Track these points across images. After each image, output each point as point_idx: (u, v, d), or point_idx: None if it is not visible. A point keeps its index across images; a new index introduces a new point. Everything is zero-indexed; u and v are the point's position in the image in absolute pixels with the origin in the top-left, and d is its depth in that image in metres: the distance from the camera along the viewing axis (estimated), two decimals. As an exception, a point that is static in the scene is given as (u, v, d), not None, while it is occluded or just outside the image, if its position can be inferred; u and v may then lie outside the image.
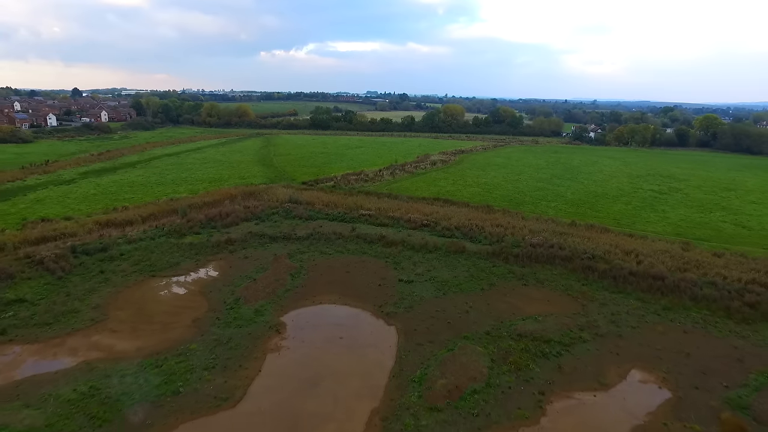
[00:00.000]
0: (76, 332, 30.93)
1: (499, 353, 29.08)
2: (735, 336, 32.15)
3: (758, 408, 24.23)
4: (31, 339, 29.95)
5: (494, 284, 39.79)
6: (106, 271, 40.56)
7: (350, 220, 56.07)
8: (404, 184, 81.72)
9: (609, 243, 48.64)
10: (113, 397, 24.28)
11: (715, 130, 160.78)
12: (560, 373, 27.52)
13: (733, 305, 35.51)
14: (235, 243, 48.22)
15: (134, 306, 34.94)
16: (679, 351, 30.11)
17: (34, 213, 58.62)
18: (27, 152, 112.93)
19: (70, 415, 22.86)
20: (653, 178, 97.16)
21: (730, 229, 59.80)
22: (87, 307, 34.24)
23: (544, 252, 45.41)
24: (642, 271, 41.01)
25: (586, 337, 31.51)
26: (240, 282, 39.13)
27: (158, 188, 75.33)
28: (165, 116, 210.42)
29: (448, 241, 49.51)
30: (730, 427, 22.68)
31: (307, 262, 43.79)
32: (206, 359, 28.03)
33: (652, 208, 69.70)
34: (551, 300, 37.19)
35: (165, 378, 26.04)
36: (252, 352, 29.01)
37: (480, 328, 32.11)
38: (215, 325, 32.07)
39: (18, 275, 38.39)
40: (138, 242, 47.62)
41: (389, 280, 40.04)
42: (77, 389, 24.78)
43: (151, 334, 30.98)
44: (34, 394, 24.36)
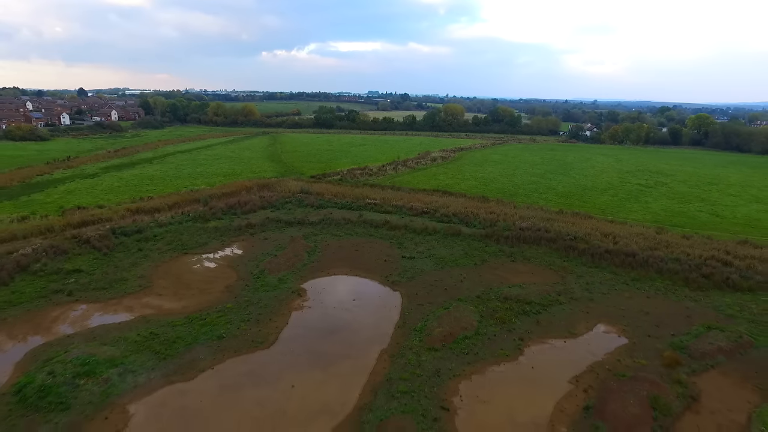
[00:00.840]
0: (129, 295, 36.50)
1: (487, 311, 34.59)
2: (689, 300, 37.65)
3: (693, 348, 29.70)
4: (93, 300, 35.54)
5: (486, 260, 45.31)
6: (144, 249, 46.17)
7: (357, 208, 61.61)
8: (406, 177, 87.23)
9: (591, 227, 54.12)
10: (170, 340, 29.81)
11: (707, 129, 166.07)
12: (538, 325, 33.02)
13: (691, 276, 41.01)
14: (255, 227, 53.81)
15: (173, 276, 40.51)
16: (639, 311, 35.59)
17: (68, 202, 64.20)
18: (47, 149, 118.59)
19: (139, 351, 28.42)
20: (642, 173, 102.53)
21: (705, 217, 65.21)
22: (134, 277, 39.84)
23: (531, 234, 50.92)
24: (616, 250, 46.49)
25: (562, 300, 37.03)
26: (263, 258, 44.68)
27: (176, 181, 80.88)
28: (173, 115, 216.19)
29: (446, 225, 55.02)
30: (668, 360, 28.14)
31: (320, 242, 49.34)
32: (241, 315, 33.57)
33: (636, 200, 75.13)
34: (535, 273, 42.69)
35: (210, 327, 31.58)
36: (279, 310, 34.55)
37: (472, 293, 37.62)
38: (245, 290, 37.62)
39: (70, 251, 44.02)
40: (168, 226, 53.20)
41: (393, 257, 45.58)
42: (140, 334, 30.33)
43: (191, 297, 36.53)
44: (107, 336, 29.92)
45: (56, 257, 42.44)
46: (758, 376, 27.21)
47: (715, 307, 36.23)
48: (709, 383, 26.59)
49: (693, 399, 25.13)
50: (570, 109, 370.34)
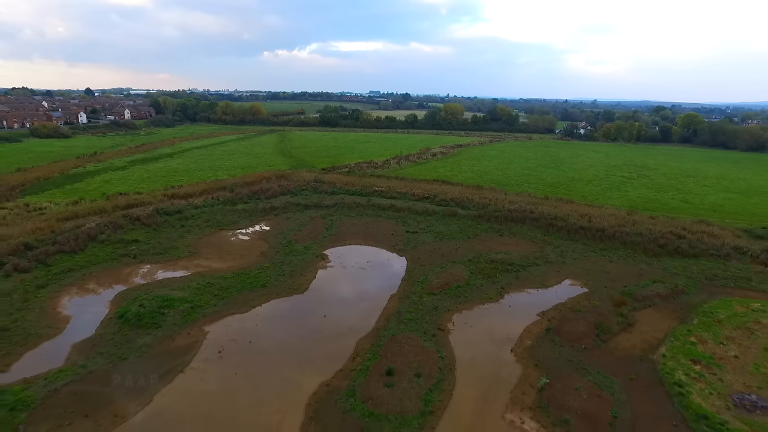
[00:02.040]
0: (182, 258, 44.47)
1: (476, 269, 42.51)
2: (643, 263, 45.56)
3: (638, 294, 37.61)
4: (154, 261, 43.53)
5: (477, 234, 53.25)
6: (185, 225, 54.18)
7: (366, 195, 69.54)
8: (409, 170, 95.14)
9: (570, 210, 62.01)
10: (224, 287, 37.75)
11: (696, 128, 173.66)
12: (517, 279, 40.95)
13: (649, 246, 48.94)
14: (278, 209, 61.79)
15: (214, 246, 48.47)
16: (601, 271, 43.48)
17: (108, 189, 72.20)
18: (72, 146, 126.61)
19: (202, 293, 36.38)
20: (628, 167, 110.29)
21: (675, 203, 73.03)
22: (182, 245, 47.82)
23: (518, 215, 58.84)
24: (590, 226, 54.42)
25: (539, 262, 44.95)
26: (288, 232, 52.64)
27: (199, 173, 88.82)
28: (183, 114, 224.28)
29: (444, 208, 62.96)
30: (617, 302, 36.01)
31: (335, 221, 57.29)
32: (277, 271, 41.52)
33: (617, 189, 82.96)
34: (518, 244, 50.61)
35: (253, 279, 39.53)
36: (307, 268, 42.50)
37: (464, 257, 45.54)
38: (277, 255, 45.58)
39: (125, 226, 52.03)
40: (202, 208, 61.21)
41: (399, 232, 53.53)
42: (199, 283, 38.29)
43: (234, 260, 44.48)
44: (174, 285, 37.89)
45: (115, 231, 50.48)
46: (681, 311, 35.14)
47: (664, 268, 44.13)
48: (644, 316, 34.50)
49: (629, 325, 33.02)
50: (568, 109, 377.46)
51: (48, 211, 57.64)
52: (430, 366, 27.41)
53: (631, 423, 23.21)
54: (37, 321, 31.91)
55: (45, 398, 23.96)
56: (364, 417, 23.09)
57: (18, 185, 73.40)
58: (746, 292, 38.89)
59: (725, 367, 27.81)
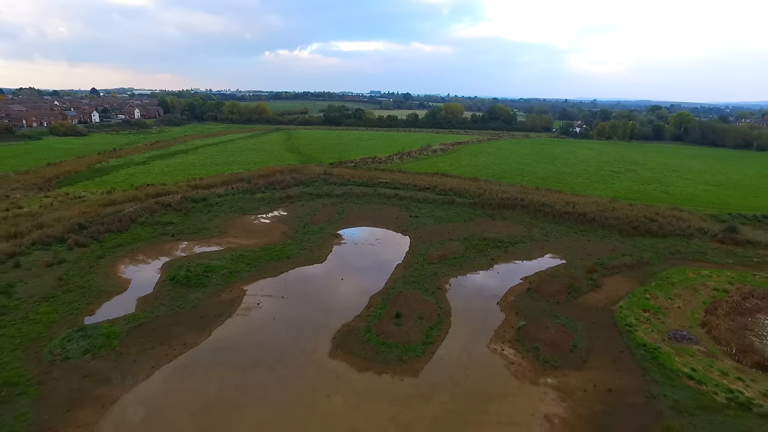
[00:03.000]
0: (213, 237, 50.98)
1: (470, 245, 49.03)
2: (617, 242, 52.05)
3: (608, 264, 44.10)
4: (190, 239, 50.06)
5: (473, 219, 59.75)
6: (212, 211, 60.73)
7: (372, 185, 76.05)
8: (410, 165, 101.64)
9: (558, 198, 68.48)
10: (254, 258, 44.24)
11: (687, 126, 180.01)
12: (505, 253, 47.45)
13: (624, 228, 55.39)
14: (293, 198, 68.33)
15: (240, 227, 55.00)
16: (579, 247, 49.94)
17: (135, 181, 78.71)
18: (89, 143, 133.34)
19: (236, 262, 42.87)
20: (617, 163, 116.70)
21: (656, 194, 79.44)
22: (212, 226, 54.37)
23: (509, 202, 65.34)
24: (573, 212, 60.91)
25: (526, 240, 51.45)
26: (304, 216, 59.17)
27: (215, 167, 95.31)
28: (190, 113, 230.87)
29: (443, 197, 69.46)
30: (589, 269, 42.46)
31: (345, 207, 63.80)
32: (298, 246, 48.03)
33: (604, 182, 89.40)
34: (509, 226, 57.09)
35: (278, 252, 46.03)
36: (324, 244, 49.02)
37: (461, 236, 52.04)
38: (297, 234, 52.09)
39: (159, 211, 58.57)
40: (224, 197, 67.73)
41: (402, 217, 60.04)
42: (232, 255, 44.78)
43: (259, 238, 50.98)
44: (211, 256, 44.41)
45: (152, 215, 57.03)
46: (643, 276, 41.65)
47: (635, 245, 50.62)
48: (610, 280, 40.98)
49: (597, 286, 39.50)
50: (567, 108, 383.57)
51: (88, 199, 64.20)
52: (431, 313, 33.94)
53: (587, 350, 29.70)
54: (104, 282, 38.47)
55: (128, 332, 30.49)
56: (378, 345, 29.61)
57: (53, 177, 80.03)
58: (701, 263, 45.39)
59: (668, 314, 34.32)
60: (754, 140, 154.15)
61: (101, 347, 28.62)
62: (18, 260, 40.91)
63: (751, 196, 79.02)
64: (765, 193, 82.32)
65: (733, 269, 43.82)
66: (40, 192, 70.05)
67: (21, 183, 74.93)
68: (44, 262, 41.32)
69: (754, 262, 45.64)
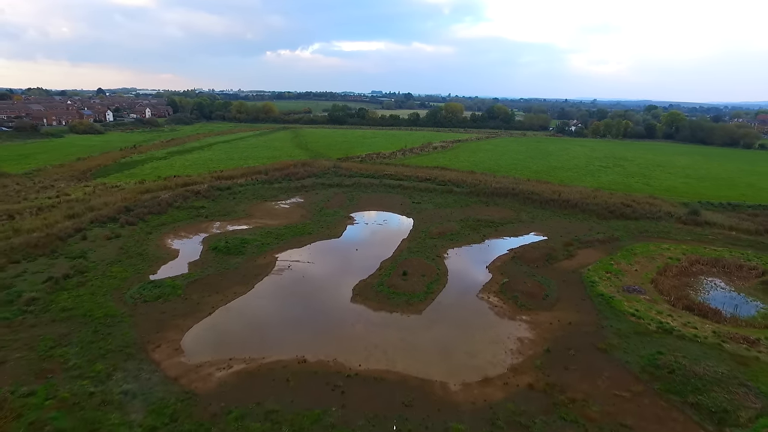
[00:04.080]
0: (242, 218, 58.51)
1: (466, 225, 56.53)
2: (594, 223, 59.50)
3: (583, 239, 51.58)
4: (222, 219, 57.60)
5: (468, 205, 67.25)
6: (236, 198, 68.28)
7: (378, 177, 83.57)
8: (413, 160, 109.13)
9: (546, 188, 75.89)
10: (280, 234, 51.68)
11: (678, 125, 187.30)
12: (496, 231, 54.95)
13: (601, 212, 62.83)
14: (307, 187, 75.88)
15: (263, 211, 62.51)
16: (561, 228, 57.39)
17: (162, 173, 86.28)
18: (108, 140, 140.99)
19: (266, 237, 50.36)
20: (607, 159, 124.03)
21: (638, 186, 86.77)
22: (239, 210, 61.92)
23: (502, 191, 72.83)
24: (559, 199, 68.36)
25: (514, 221, 58.94)
26: (319, 202, 66.70)
27: (231, 162, 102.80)
28: (199, 113, 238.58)
29: (443, 187, 76.98)
30: (566, 243, 49.93)
31: (355, 195, 71.31)
32: (317, 225, 55.53)
33: (592, 175, 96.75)
34: (500, 211, 64.56)
35: (300, 230, 53.50)
36: (339, 224, 56.54)
37: (457, 218, 59.54)
38: (315, 216, 59.61)
39: (190, 197, 66.15)
40: (245, 186, 75.28)
41: (406, 203, 67.54)
42: (261, 231, 52.26)
43: (281, 219, 58.49)
44: (243, 233, 51.96)
45: (185, 200, 64.61)
46: (611, 249, 49.10)
47: (609, 226, 58.06)
48: (583, 251, 48.42)
49: (572, 256, 46.96)
50: (566, 108, 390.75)
51: (125, 188, 71.76)
52: (431, 272, 41.45)
53: (556, 298, 37.17)
54: (157, 251, 46.01)
55: (187, 285, 38.00)
56: (389, 293, 37.11)
57: (86, 170, 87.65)
58: (663, 240, 52.84)
59: (626, 274, 41.80)
60: (740, 138, 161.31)
61: (169, 294, 36.15)
62: (84, 234, 48.54)
63: (725, 188, 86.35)
64: (737, 185, 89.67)
65: (689, 244, 51.29)
66: (79, 182, 77.65)
67: (60, 175, 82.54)
68: (104, 236, 48.91)
69: (708, 239, 53.08)
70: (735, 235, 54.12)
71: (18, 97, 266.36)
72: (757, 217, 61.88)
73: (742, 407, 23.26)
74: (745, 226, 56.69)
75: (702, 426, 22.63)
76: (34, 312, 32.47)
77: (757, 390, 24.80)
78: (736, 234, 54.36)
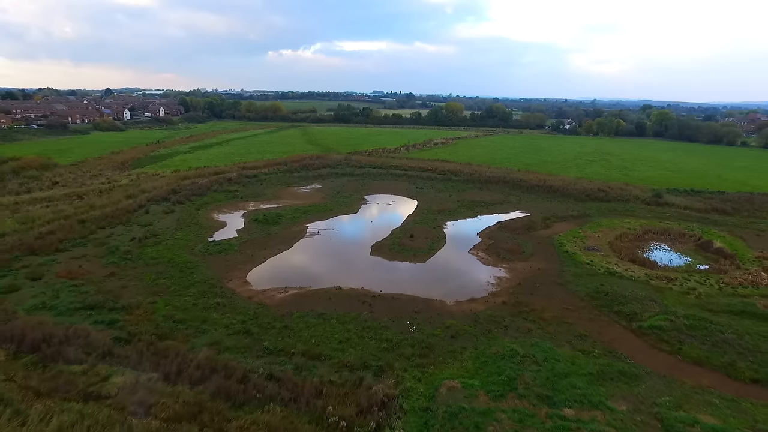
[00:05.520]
0: (271, 199, 68.79)
1: (462, 205, 66.85)
2: (571, 204, 69.73)
3: (560, 214, 61.85)
4: (254, 200, 67.91)
5: (465, 190, 77.58)
6: (263, 184, 78.64)
7: (385, 168, 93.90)
8: (415, 154, 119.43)
9: (533, 177, 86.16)
10: (306, 210, 61.94)
11: (667, 123, 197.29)
12: (487, 209, 65.26)
13: (579, 196, 73.09)
14: (323, 176, 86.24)
15: (288, 194, 72.80)
16: (542, 207, 67.60)
17: (191, 165, 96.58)
18: (131, 137, 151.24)
19: (295, 212, 60.68)
20: (595, 154, 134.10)
21: (617, 176, 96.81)
22: (268, 193, 72.27)
23: (494, 179, 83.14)
24: (544, 185, 78.65)
25: (503, 202, 69.25)
26: (335, 188, 77.04)
27: (251, 155, 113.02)
28: (210, 112, 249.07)
29: (443, 176, 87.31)
30: (544, 218, 60.17)
31: (366, 182, 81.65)
32: (336, 204, 65.84)
33: (577, 167, 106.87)
34: (492, 195, 74.84)
35: (322, 208, 63.81)
36: (355, 203, 66.86)
37: (455, 200, 69.84)
38: (333, 198, 69.91)
39: (224, 184, 76.50)
40: (269, 175, 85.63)
41: (411, 188, 77.88)
42: (290, 209, 62.58)
43: (305, 200, 68.74)
44: (276, 209, 62.30)
45: (220, 185, 75.00)
46: (581, 222, 59.37)
47: (584, 207, 68.23)
48: (558, 224, 58.64)
49: (548, 227, 57.18)
50: (564, 108, 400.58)
51: (164, 175, 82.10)
52: (433, 236, 51.76)
53: (531, 253, 47.39)
54: (208, 222, 56.34)
55: (241, 245, 48.29)
56: (400, 249, 47.39)
57: (124, 162, 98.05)
58: (627, 216, 63.03)
59: (589, 239, 52.05)
60: (723, 136, 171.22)
61: (228, 250, 46.44)
62: (147, 209, 59.01)
63: (695, 179, 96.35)
64: (707, 176, 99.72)
65: (648, 219, 61.51)
66: (122, 172, 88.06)
67: (103, 166, 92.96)
68: (162, 210, 59.29)
69: (665, 216, 63.28)
70: (687, 212, 64.35)
71: (38, 97, 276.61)
72: (711, 200, 72.06)
73: (647, 311, 33.49)
74: (697, 206, 66.97)
75: (617, 322, 32.91)
76: (132, 259, 42.83)
77: (661, 303, 35.06)
78: (688, 212, 64.59)
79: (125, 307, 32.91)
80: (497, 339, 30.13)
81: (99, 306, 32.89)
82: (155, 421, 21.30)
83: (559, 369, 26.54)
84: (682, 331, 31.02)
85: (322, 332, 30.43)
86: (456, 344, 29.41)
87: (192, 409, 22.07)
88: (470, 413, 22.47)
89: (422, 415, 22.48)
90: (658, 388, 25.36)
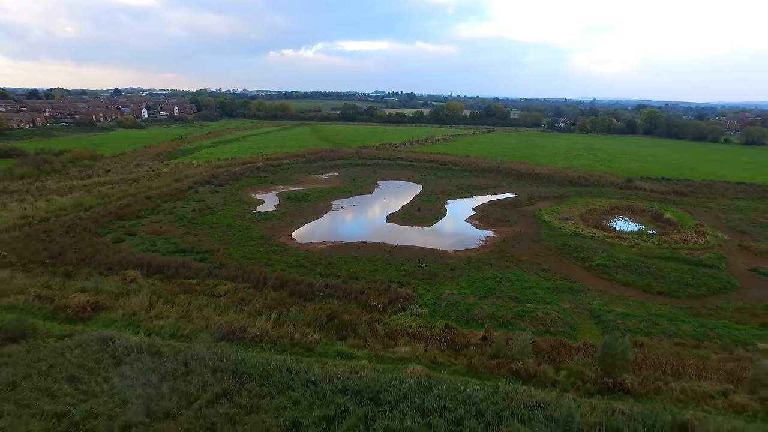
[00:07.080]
0: (297, 184, 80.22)
1: (459, 188, 78.30)
2: (555, 188, 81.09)
3: (542, 195, 73.23)
4: (283, 184, 79.34)
5: (463, 177, 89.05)
6: (287, 172, 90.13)
7: (392, 159, 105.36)
8: (419, 148, 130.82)
9: (524, 167, 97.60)
10: (329, 191, 73.40)
11: (656, 121, 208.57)
12: (481, 192, 76.69)
13: (562, 182, 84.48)
14: (338, 166, 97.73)
15: (311, 179, 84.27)
16: (529, 190, 78.99)
17: (218, 157, 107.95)
18: (153, 134, 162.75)
19: (319, 192, 72.16)
20: (585, 149, 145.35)
21: (601, 168, 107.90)
22: (293, 179, 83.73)
23: (489, 169, 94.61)
24: (532, 173, 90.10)
25: (495, 186, 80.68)
26: (351, 175, 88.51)
27: (269, 149, 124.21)
28: (221, 110, 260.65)
29: (443, 166, 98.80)
30: (529, 197, 71.50)
31: (377, 171, 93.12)
32: (353, 187, 77.17)
33: (565, 160, 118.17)
34: (486, 181, 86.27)
35: (342, 189, 75.22)
36: (369, 186, 78.30)
37: (454, 185, 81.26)
38: (350, 182, 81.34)
39: (254, 171, 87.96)
40: (290, 165, 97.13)
41: (416, 176, 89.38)
42: (315, 190, 73.98)
43: (326, 184, 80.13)
44: (305, 191, 73.74)
45: (251, 172, 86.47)
46: (560, 201, 70.76)
47: (564, 190, 79.60)
48: (540, 202, 70.03)
49: (531, 204, 68.55)
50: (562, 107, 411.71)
51: (200, 165, 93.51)
52: (436, 210, 63.19)
53: (515, 221, 58.80)
54: (249, 200, 67.77)
55: (281, 215, 59.67)
56: (410, 218, 58.83)
57: (158, 154, 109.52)
58: (599, 197, 74.38)
59: (564, 212, 63.43)
60: (708, 133, 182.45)
61: (272, 218, 57.88)
62: (196, 189, 70.53)
63: (669, 169, 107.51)
64: (681, 167, 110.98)
65: (617, 199, 72.87)
66: (160, 162, 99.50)
67: (142, 157, 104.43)
68: (209, 191, 70.75)
69: (632, 197, 74.63)
70: (652, 194, 75.71)
71: (58, 97, 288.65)
72: (675, 185, 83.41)
73: (597, 256, 44.89)
74: (662, 189, 78.37)
75: (574, 263, 44.32)
76: (198, 223, 54.27)
77: (610, 252, 46.49)
78: (653, 194, 75.93)
79: (209, 250, 44.40)
80: (484, 270, 41.56)
81: (189, 250, 44.35)
82: (255, 307, 32.79)
83: (526, 285, 37.98)
84: (620, 267, 42.43)
85: (357, 265, 41.88)
86: (454, 273, 40.82)
87: (277, 302, 33.50)
88: (463, 304, 33.89)
89: (431, 306, 33.93)
90: (594, 297, 36.80)
